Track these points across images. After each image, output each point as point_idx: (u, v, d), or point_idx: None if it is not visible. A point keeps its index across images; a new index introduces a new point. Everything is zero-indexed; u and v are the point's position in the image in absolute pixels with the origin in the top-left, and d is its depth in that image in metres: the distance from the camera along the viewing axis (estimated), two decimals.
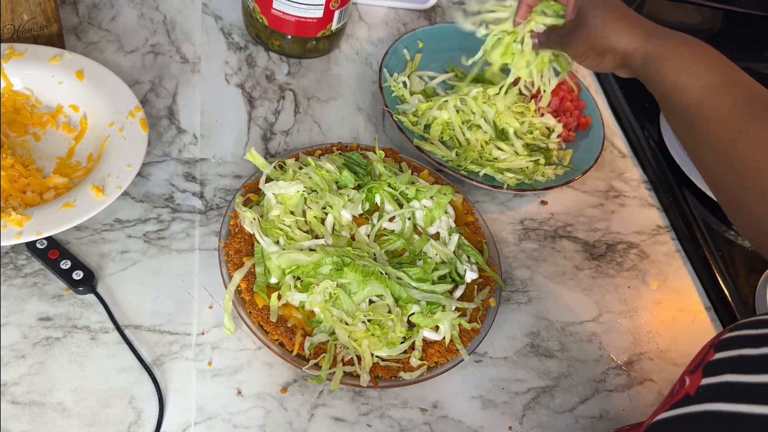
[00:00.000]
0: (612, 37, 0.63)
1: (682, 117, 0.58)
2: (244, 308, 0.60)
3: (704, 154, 0.56)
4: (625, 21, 0.63)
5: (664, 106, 0.61)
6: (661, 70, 0.59)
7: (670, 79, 0.58)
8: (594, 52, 0.65)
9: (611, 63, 0.65)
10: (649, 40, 0.61)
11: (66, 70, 0.71)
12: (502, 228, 0.79)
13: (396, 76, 0.87)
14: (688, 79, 0.57)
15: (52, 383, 0.55)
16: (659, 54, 0.60)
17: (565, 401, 0.65)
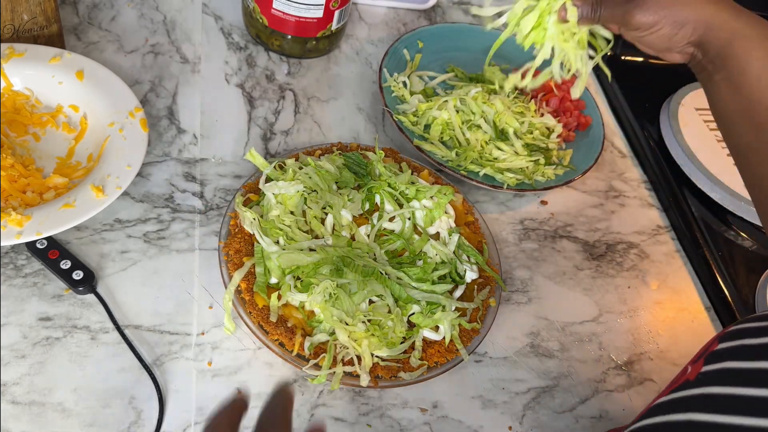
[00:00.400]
0: (698, 3, 0.52)
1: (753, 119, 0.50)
2: (244, 308, 0.60)
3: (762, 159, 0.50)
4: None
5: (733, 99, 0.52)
6: (749, 54, 0.50)
7: (757, 67, 0.50)
8: (668, 23, 0.53)
9: (687, 37, 0.53)
10: (740, 15, 0.52)
11: (66, 70, 0.71)
12: (502, 228, 0.79)
13: (396, 76, 0.87)
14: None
15: (52, 383, 0.55)
16: (751, 35, 0.50)
17: (565, 401, 0.65)
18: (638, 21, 0.54)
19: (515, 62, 0.97)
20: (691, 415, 0.35)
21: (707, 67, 0.54)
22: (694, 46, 0.54)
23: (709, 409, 0.34)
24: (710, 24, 0.52)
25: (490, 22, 0.62)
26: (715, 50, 0.52)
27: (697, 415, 0.35)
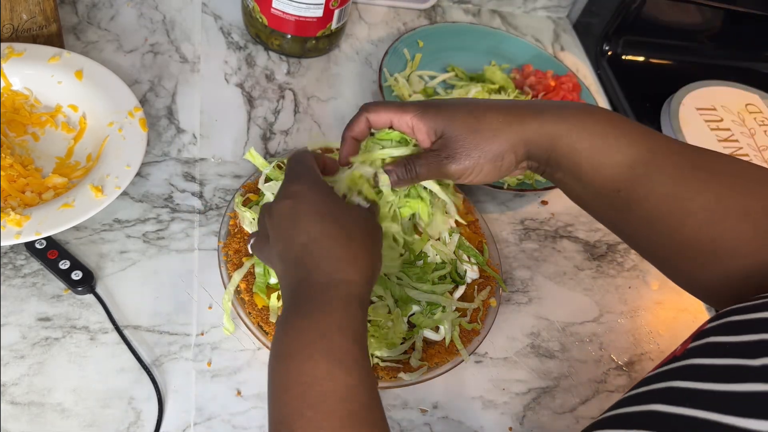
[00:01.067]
0: (502, 132, 0.51)
1: (609, 204, 0.50)
2: (243, 308, 0.60)
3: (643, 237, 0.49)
4: (505, 110, 0.52)
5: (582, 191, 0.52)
6: (573, 149, 0.49)
7: (587, 159, 0.49)
8: (487, 159, 0.51)
9: (513, 161, 0.52)
10: (547, 119, 0.51)
11: (65, 70, 0.71)
12: (503, 228, 0.78)
13: (396, 75, 0.87)
14: (611, 158, 0.48)
15: (52, 384, 0.55)
16: (567, 131, 0.50)
17: (566, 402, 0.65)
18: (456, 171, 0.52)
19: (515, 62, 0.97)
20: (671, 383, 0.36)
21: (546, 170, 0.53)
22: (525, 160, 0.53)
23: (689, 377, 0.35)
24: (526, 140, 0.51)
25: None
26: (543, 158, 0.52)
27: (677, 383, 0.35)
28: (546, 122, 0.51)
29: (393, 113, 0.54)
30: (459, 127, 0.52)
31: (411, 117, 0.53)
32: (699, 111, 0.97)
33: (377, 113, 0.55)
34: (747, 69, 1.14)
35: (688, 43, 1.11)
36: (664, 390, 0.36)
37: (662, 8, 1.05)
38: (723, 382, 0.33)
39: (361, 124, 0.55)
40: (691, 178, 0.46)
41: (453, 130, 0.52)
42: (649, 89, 1.02)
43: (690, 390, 0.34)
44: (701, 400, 0.33)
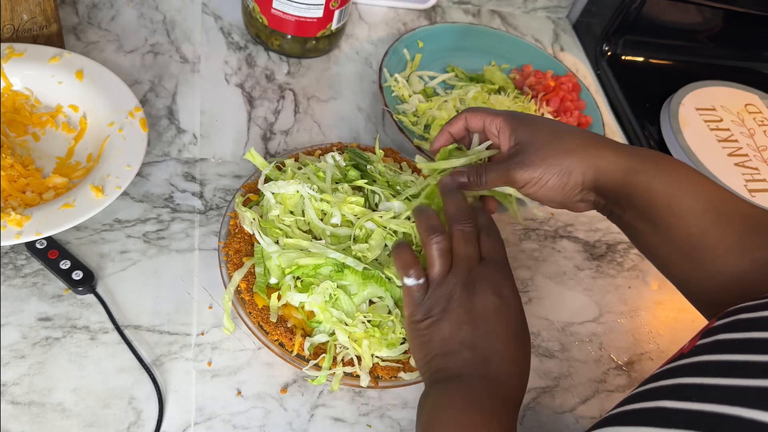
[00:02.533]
0: (576, 151, 0.52)
1: (680, 248, 0.50)
2: (243, 308, 0.60)
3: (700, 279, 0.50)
4: (585, 135, 0.54)
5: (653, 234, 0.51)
6: (650, 187, 0.50)
7: (664, 199, 0.49)
8: (554, 173, 0.52)
9: (579, 185, 0.53)
10: (624, 152, 0.52)
11: (65, 70, 0.71)
12: (503, 228, 0.78)
13: (396, 76, 0.87)
14: (686, 201, 0.49)
15: (52, 383, 0.55)
16: (645, 168, 0.50)
17: (566, 401, 0.65)
18: (522, 178, 0.54)
19: (515, 62, 0.97)
20: (679, 380, 0.36)
21: (614, 210, 0.53)
22: (592, 191, 0.53)
23: (698, 374, 0.35)
24: (598, 167, 0.52)
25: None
26: (614, 192, 0.52)
27: (685, 379, 0.36)
28: (623, 156, 0.51)
29: (487, 116, 0.58)
30: (538, 137, 0.54)
31: (501, 120, 0.57)
32: (699, 111, 0.97)
33: (474, 114, 0.59)
34: (747, 69, 1.14)
35: (687, 43, 1.12)
36: (672, 386, 0.36)
37: (662, 8, 1.05)
38: (732, 377, 0.33)
39: (460, 122, 0.60)
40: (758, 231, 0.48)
41: (531, 138, 0.54)
42: (649, 89, 1.02)
43: (698, 385, 0.35)
44: (709, 394, 0.33)
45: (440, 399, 0.46)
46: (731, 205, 0.50)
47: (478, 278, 0.50)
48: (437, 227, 0.52)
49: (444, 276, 0.51)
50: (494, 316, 0.48)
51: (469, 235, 0.52)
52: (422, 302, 0.51)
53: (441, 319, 0.49)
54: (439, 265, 0.51)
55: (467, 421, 0.44)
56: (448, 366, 0.47)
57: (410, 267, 0.51)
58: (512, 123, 0.56)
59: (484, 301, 0.49)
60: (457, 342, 0.48)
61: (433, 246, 0.51)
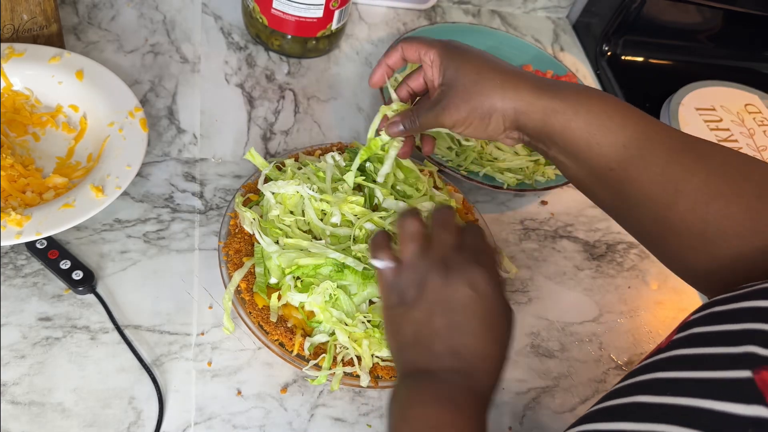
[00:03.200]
0: (496, 93, 0.53)
1: (603, 182, 0.51)
2: (244, 308, 0.60)
3: (636, 219, 0.50)
4: (507, 74, 0.54)
5: (577, 169, 0.52)
6: (568, 127, 0.50)
7: (583, 137, 0.50)
8: (477, 115, 0.54)
9: (501, 125, 0.54)
10: (543, 93, 0.52)
11: (66, 70, 0.71)
12: (502, 228, 0.79)
13: (396, 76, 0.87)
14: (605, 137, 0.49)
15: (52, 383, 0.55)
16: (562, 108, 0.50)
17: (566, 401, 0.65)
18: (449, 121, 0.56)
19: (515, 62, 0.97)
20: (654, 374, 0.36)
21: (539, 146, 0.54)
22: (515, 130, 0.55)
23: (672, 368, 0.36)
24: (516, 109, 0.53)
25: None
26: (535, 131, 0.53)
27: (660, 374, 0.36)
28: (541, 97, 0.52)
29: (422, 47, 0.58)
30: (462, 78, 0.55)
31: (434, 53, 0.57)
32: (698, 111, 0.97)
33: (410, 45, 0.59)
34: (746, 69, 1.14)
35: (687, 43, 1.12)
36: (648, 381, 0.37)
37: (662, 8, 1.05)
38: (705, 369, 0.33)
39: (397, 53, 0.61)
40: (683, 161, 0.47)
41: (456, 78, 0.55)
42: (649, 89, 1.02)
43: (672, 379, 0.35)
44: (683, 387, 0.34)
45: (410, 395, 0.45)
46: (657, 135, 0.49)
47: (453, 266, 0.47)
48: (413, 211, 0.51)
49: (416, 258, 0.49)
50: (467, 309, 0.46)
51: (449, 222, 0.51)
52: (393, 285, 0.49)
53: (413, 307, 0.47)
54: (410, 248, 0.49)
55: (437, 419, 0.43)
56: (419, 359, 0.46)
57: (379, 249, 0.50)
58: (443, 58, 0.57)
59: (459, 293, 0.46)
60: (427, 334, 0.46)
61: (405, 227, 0.50)
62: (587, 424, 0.38)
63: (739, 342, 0.33)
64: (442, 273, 0.47)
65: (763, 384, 0.30)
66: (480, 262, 0.48)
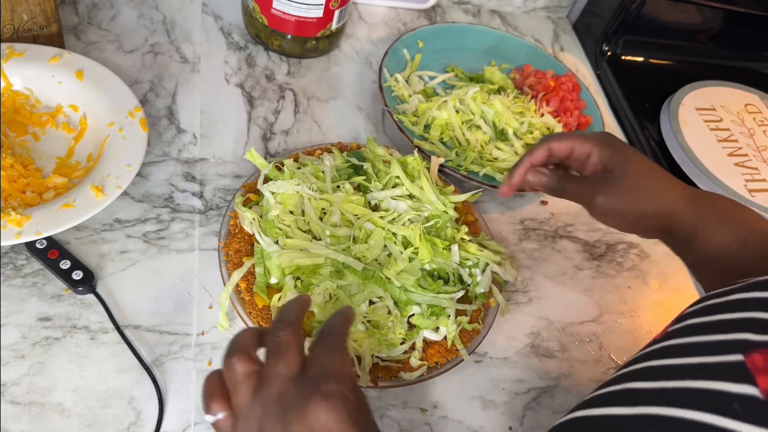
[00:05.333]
0: (657, 197, 0.55)
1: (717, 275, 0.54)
2: (243, 308, 0.60)
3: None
4: (665, 179, 0.56)
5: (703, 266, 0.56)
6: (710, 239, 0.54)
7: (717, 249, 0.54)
8: (632, 214, 0.56)
9: (649, 227, 0.57)
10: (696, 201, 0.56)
11: (65, 70, 0.71)
12: (502, 228, 0.79)
13: (396, 76, 0.87)
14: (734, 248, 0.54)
15: (52, 383, 0.55)
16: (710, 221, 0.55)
17: (566, 401, 0.65)
18: (602, 207, 0.56)
19: (515, 62, 0.97)
20: (648, 363, 0.37)
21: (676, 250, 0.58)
22: (663, 233, 0.57)
23: (666, 356, 0.36)
24: (672, 214, 0.55)
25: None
26: (680, 237, 0.56)
27: (655, 362, 0.37)
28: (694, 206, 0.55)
29: (575, 141, 0.58)
30: (630, 170, 0.55)
31: (592, 145, 0.57)
32: (698, 111, 0.97)
33: (559, 141, 0.59)
34: (746, 69, 1.14)
35: (687, 43, 1.12)
36: (641, 369, 0.37)
37: (662, 8, 1.05)
38: (698, 356, 0.34)
39: (542, 151, 0.59)
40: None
41: (625, 169, 0.55)
42: (649, 89, 1.02)
43: (665, 366, 0.36)
44: (676, 372, 0.34)
45: None
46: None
47: (289, 405, 0.42)
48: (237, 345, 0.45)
49: (249, 405, 0.43)
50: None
51: (282, 346, 0.45)
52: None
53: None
54: (241, 392, 0.43)
55: None
56: None
57: (210, 399, 0.44)
58: (606, 148, 0.57)
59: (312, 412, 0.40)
60: None
61: (228, 371, 0.44)
62: (580, 410, 0.38)
63: (733, 330, 0.34)
64: (279, 420, 0.41)
65: (753, 366, 0.31)
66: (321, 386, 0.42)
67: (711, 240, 0.54)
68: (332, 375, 0.43)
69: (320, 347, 0.46)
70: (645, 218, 0.56)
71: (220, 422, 0.44)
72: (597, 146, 0.57)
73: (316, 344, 0.46)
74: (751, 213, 0.57)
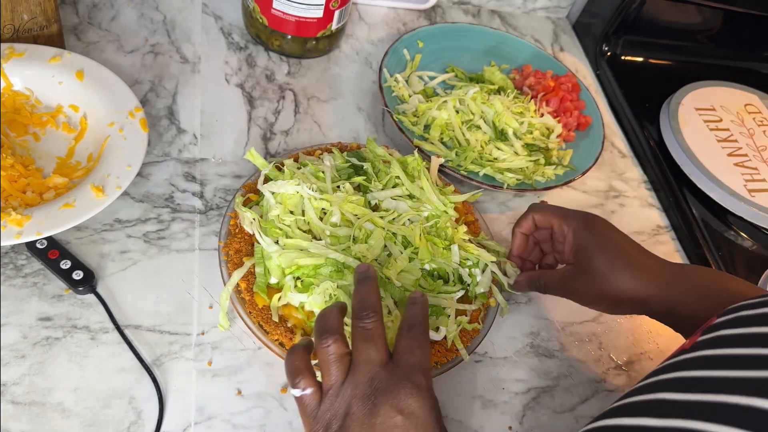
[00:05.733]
0: (626, 286, 0.56)
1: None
2: (244, 308, 0.60)
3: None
4: (639, 267, 0.57)
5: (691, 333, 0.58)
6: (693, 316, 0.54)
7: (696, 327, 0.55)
8: (607, 301, 0.58)
9: (628, 310, 0.59)
10: (670, 287, 0.56)
11: (66, 70, 0.71)
12: (502, 228, 0.79)
13: (396, 76, 0.87)
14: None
15: (52, 383, 0.55)
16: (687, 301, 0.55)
17: (565, 401, 0.65)
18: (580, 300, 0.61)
19: (515, 62, 0.97)
20: (679, 374, 0.36)
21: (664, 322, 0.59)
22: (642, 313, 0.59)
23: (698, 367, 0.36)
24: (647, 300, 0.57)
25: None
26: (662, 316, 0.58)
27: (685, 373, 0.36)
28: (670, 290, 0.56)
29: (557, 219, 0.62)
30: (595, 266, 0.58)
31: (570, 231, 0.60)
32: (698, 111, 0.97)
33: (543, 214, 0.63)
34: (746, 69, 1.14)
35: (687, 43, 1.12)
36: (672, 380, 0.37)
37: (662, 8, 1.05)
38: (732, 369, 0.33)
39: (529, 221, 0.64)
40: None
41: (590, 266, 0.58)
42: (649, 89, 1.02)
43: (698, 378, 0.35)
44: (709, 385, 0.33)
45: None
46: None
47: (380, 388, 0.44)
48: (331, 328, 0.47)
49: (339, 386, 0.45)
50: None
51: (371, 333, 0.47)
52: (316, 416, 0.45)
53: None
54: (332, 373, 0.45)
55: None
56: None
57: (298, 374, 0.46)
58: (578, 239, 0.59)
59: (386, 421, 0.43)
60: None
61: (322, 351, 0.46)
62: (607, 419, 0.37)
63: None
64: (368, 400, 0.44)
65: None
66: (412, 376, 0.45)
67: (694, 316, 0.54)
68: (421, 369, 0.46)
69: (408, 340, 0.48)
70: (619, 305, 0.58)
71: (306, 397, 0.46)
72: (574, 230, 0.60)
73: (402, 336, 0.48)
74: (730, 280, 0.57)
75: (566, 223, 0.61)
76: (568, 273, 0.61)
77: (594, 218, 0.61)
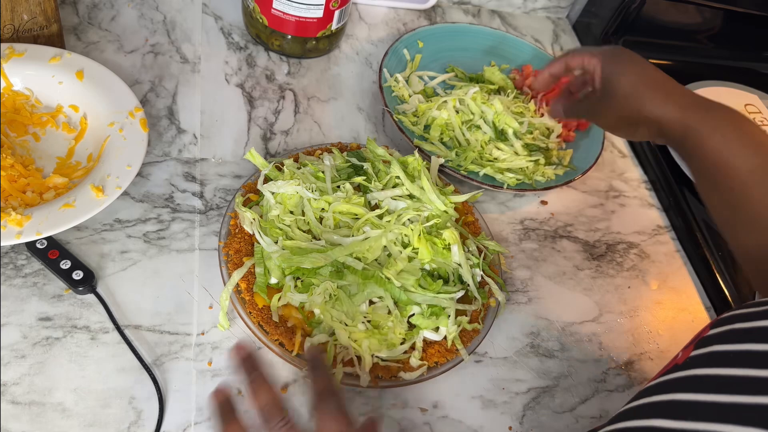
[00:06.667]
0: (645, 107, 0.60)
1: (723, 197, 0.56)
2: (244, 308, 0.60)
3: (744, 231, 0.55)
4: (659, 89, 0.60)
5: (702, 182, 0.59)
6: (702, 145, 0.56)
7: (712, 157, 0.56)
8: (626, 123, 0.62)
9: (646, 133, 0.62)
10: (686, 111, 0.58)
11: (66, 70, 0.71)
12: (502, 228, 0.79)
13: (396, 76, 0.87)
14: (733, 160, 0.54)
15: (52, 383, 0.55)
16: (699, 129, 0.57)
17: (565, 401, 0.65)
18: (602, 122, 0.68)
19: (515, 62, 0.97)
20: (673, 396, 0.36)
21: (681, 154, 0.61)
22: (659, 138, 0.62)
23: (691, 389, 0.35)
24: (661, 121, 0.60)
25: None
26: (674, 143, 0.60)
27: (679, 395, 0.35)
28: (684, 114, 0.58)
29: (587, 55, 0.67)
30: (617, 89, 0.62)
31: (596, 61, 0.66)
32: None
33: (574, 56, 0.69)
34: (747, 69, 1.14)
35: (687, 43, 1.12)
36: (665, 403, 0.36)
37: (662, 8, 1.05)
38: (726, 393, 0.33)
39: (560, 63, 0.71)
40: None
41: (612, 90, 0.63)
42: None
43: (692, 402, 0.34)
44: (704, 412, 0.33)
45: None
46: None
47: None
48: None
49: None
50: None
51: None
52: None
53: None
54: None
55: None
56: None
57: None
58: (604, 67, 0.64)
59: None
60: None
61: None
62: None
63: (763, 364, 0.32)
64: None
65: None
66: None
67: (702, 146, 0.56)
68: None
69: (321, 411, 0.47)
70: (637, 127, 0.62)
71: None
72: (601, 61, 0.65)
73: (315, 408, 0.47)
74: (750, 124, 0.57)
75: (595, 56, 0.66)
76: (595, 96, 0.66)
77: (621, 49, 0.66)
